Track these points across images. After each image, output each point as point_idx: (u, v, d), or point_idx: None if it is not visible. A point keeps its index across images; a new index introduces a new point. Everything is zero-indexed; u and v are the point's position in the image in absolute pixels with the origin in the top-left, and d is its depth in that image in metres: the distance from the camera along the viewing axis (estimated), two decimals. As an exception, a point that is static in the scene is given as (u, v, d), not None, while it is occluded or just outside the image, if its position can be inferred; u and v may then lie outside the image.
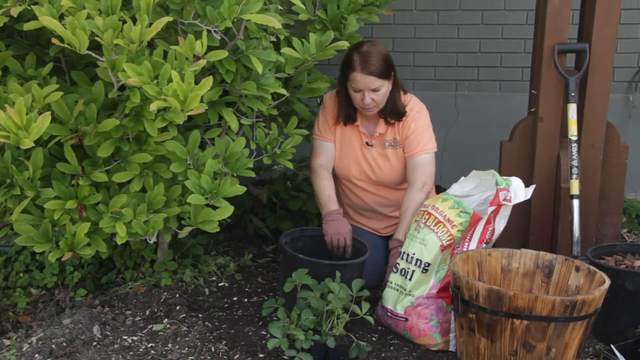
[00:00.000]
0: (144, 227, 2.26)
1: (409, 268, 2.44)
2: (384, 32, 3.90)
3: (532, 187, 2.45)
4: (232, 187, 2.28)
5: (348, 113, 2.73)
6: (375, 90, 2.58)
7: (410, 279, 2.43)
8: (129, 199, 2.27)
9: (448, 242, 2.36)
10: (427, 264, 2.38)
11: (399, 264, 2.49)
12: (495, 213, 2.40)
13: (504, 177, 2.41)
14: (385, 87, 2.61)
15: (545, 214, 2.95)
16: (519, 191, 2.40)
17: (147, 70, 1.96)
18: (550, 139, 2.89)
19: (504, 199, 2.36)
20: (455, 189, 2.50)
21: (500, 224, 2.44)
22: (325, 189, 2.72)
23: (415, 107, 2.75)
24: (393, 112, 2.69)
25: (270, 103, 2.51)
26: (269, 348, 2.21)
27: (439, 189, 3.20)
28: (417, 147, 2.71)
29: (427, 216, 2.43)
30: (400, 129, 2.74)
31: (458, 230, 2.35)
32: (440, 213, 2.39)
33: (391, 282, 2.51)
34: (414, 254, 2.42)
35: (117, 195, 2.27)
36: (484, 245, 2.44)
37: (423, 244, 2.40)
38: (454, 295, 2.19)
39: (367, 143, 2.77)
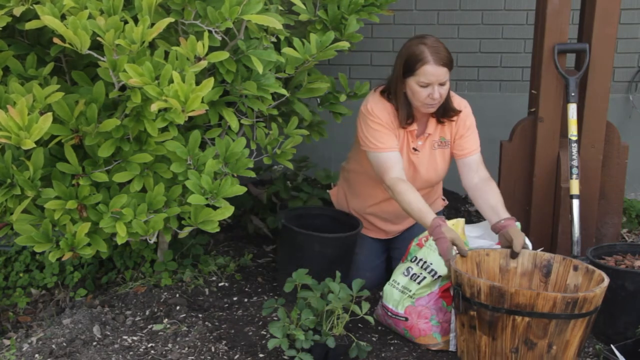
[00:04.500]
0: (144, 227, 2.26)
1: (421, 274, 2.43)
2: (384, 32, 3.90)
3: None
4: (232, 187, 2.27)
5: (409, 113, 2.57)
6: (442, 84, 2.46)
7: (419, 284, 2.43)
8: (129, 199, 2.27)
9: None
10: (439, 276, 2.41)
11: (411, 268, 2.48)
12: None
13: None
14: (449, 81, 2.49)
15: (545, 214, 2.95)
16: None
17: (148, 70, 1.96)
18: (550, 139, 2.89)
19: None
20: (469, 230, 2.57)
21: None
22: (413, 202, 2.44)
23: (463, 103, 2.67)
24: (447, 109, 2.59)
25: (271, 103, 2.51)
26: (269, 348, 2.21)
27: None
28: (474, 144, 2.65)
29: None
30: (454, 127, 2.64)
31: None
32: None
33: (397, 283, 2.50)
34: (431, 263, 2.42)
35: (117, 195, 2.27)
36: None
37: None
38: (455, 293, 2.19)
39: (414, 149, 2.65)
